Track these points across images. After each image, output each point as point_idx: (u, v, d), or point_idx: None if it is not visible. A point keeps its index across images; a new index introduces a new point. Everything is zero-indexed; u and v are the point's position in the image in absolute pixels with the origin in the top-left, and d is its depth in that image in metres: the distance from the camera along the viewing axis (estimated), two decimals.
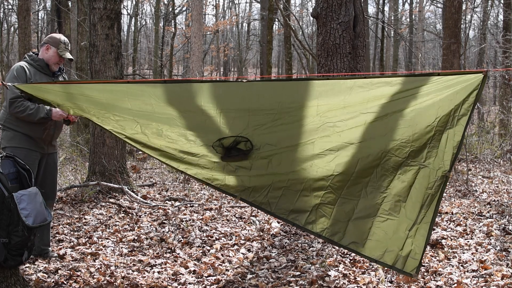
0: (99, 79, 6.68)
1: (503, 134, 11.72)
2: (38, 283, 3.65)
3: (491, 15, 23.77)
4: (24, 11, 12.85)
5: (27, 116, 3.78)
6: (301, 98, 3.34)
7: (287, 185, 3.41)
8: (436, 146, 3.07)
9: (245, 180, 3.46)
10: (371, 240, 3.20)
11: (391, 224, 3.17)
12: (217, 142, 3.41)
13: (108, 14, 6.73)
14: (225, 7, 36.16)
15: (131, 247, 4.68)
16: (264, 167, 3.41)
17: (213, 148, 3.41)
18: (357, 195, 3.26)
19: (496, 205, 6.30)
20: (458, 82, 3.02)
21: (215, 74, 31.27)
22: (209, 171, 3.49)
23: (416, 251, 3.12)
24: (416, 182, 3.11)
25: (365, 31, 6.28)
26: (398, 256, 3.14)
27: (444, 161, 3.05)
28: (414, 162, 3.13)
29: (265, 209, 3.44)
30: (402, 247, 3.13)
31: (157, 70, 23.72)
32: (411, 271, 3.13)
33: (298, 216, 3.37)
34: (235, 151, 3.39)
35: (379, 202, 3.19)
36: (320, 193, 3.34)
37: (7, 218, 3.10)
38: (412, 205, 3.12)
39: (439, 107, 3.08)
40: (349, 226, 3.25)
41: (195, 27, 14.09)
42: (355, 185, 3.27)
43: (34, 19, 26.76)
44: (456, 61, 10.84)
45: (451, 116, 3.04)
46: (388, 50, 26.06)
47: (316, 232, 3.32)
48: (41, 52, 4.03)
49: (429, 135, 3.10)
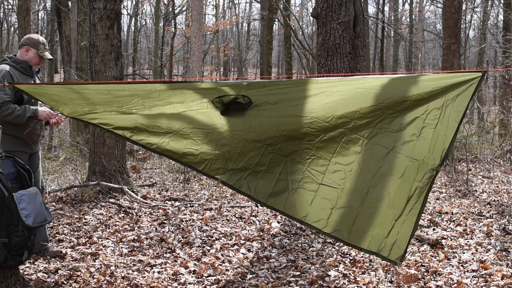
0: (99, 79, 6.69)
1: (503, 134, 11.73)
2: (38, 283, 3.65)
3: (491, 15, 23.79)
4: (24, 11, 12.83)
5: (15, 117, 3.75)
6: (300, 90, 3.35)
7: (266, 168, 3.34)
8: (426, 139, 3.06)
9: (230, 159, 3.40)
10: (356, 229, 3.19)
11: (377, 213, 3.16)
12: (217, 98, 3.42)
13: (108, 14, 6.73)
14: (225, 7, 36.20)
15: (131, 247, 4.68)
16: (260, 130, 3.33)
17: (213, 103, 3.41)
18: (340, 183, 3.23)
19: (496, 205, 6.30)
20: (454, 77, 3.03)
21: (215, 74, 31.26)
22: (199, 142, 3.43)
23: (402, 241, 3.13)
24: (404, 174, 3.11)
25: (365, 31, 6.28)
26: (383, 243, 3.15)
27: (435, 156, 3.05)
28: (401, 155, 3.12)
29: (245, 192, 3.35)
30: (387, 235, 3.15)
31: (157, 70, 23.73)
32: (395, 259, 3.16)
33: (276, 200, 3.31)
34: (234, 106, 3.39)
35: (364, 192, 3.18)
36: (297, 176, 3.30)
37: (7, 218, 3.10)
38: (399, 196, 3.12)
39: (430, 100, 3.06)
40: (332, 213, 3.22)
41: (195, 27, 14.10)
42: (336, 172, 3.24)
43: (34, 19, 26.75)
44: (456, 61, 10.83)
45: (443, 111, 3.03)
46: (388, 50, 26.08)
47: (298, 218, 3.27)
48: (20, 54, 4.00)
49: (418, 126, 3.08)
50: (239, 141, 3.40)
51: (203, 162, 3.42)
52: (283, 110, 3.32)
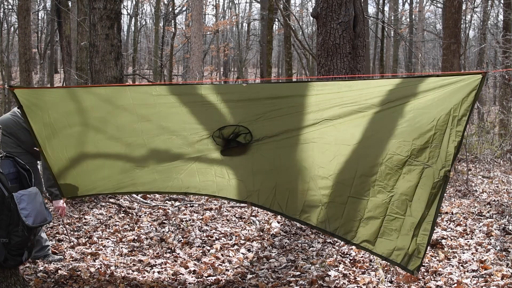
0: (99, 79, 6.69)
1: (503, 134, 11.72)
2: (38, 283, 3.65)
3: (491, 15, 23.78)
4: (24, 11, 12.84)
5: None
6: (300, 91, 3.38)
7: (292, 186, 3.47)
8: (438, 146, 3.09)
9: (248, 183, 3.53)
10: (381, 238, 3.27)
11: (399, 223, 3.22)
12: (217, 132, 3.43)
13: (108, 14, 6.73)
14: (225, 7, 36.19)
15: (131, 247, 4.68)
16: (265, 161, 3.46)
17: (213, 139, 3.45)
18: (365, 194, 3.31)
19: (496, 205, 6.30)
20: (456, 82, 3.04)
21: (215, 74, 31.25)
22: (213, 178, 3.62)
23: (420, 250, 3.18)
24: (421, 182, 3.15)
25: (365, 31, 6.28)
26: (405, 254, 3.21)
27: (446, 161, 3.09)
28: (417, 162, 3.16)
29: (277, 211, 3.56)
30: (409, 246, 3.20)
31: (157, 70, 23.73)
32: (413, 269, 3.21)
33: (310, 216, 3.46)
34: (235, 143, 3.40)
35: (387, 201, 3.24)
36: (327, 192, 3.41)
37: (7, 218, 3.10)
38: (418, 204, 3.17)
39: (438, 107, 3.09)
40: (361, 224, 3.32)
41: (195, 27, 14.10)
42: (362, 184, 3.31)
43: (34, 19, 26.76)
44: (456, 61, 10.83)
45: (451, 115, 3.06)
46: (388, 50, 26.07)
47: (330, 231, 3.41)
48: None
49: (430, 134, 3.11)
50: (248, 173, 3.60)
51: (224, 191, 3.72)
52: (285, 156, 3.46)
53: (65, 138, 3.67)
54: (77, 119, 3.61)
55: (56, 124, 3.60)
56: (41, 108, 3.53)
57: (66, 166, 3.82)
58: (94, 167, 3.85)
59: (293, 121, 3.38)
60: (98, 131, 3.68)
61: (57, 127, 3.62)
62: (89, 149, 3.76)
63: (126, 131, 3.65)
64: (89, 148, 3.75)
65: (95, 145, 3.73)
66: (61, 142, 3.68)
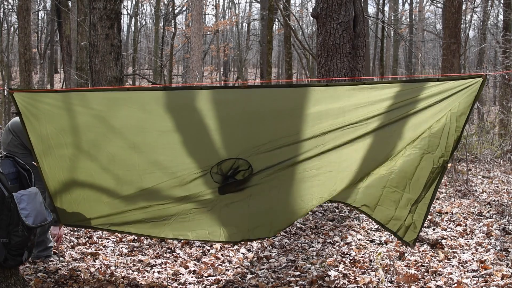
0: (99, 79, 6.69)
1: (503, 134, 11.72)
2: (38, 283, 3.65)
3: (491, 15, 23.78)
4: (24, 11, 12.85)
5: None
6: (300, 104, 3.29)
7: (288, 217, 3.63)
8: (438, 137, 3.22)
9: (243, 227, 3.61)
10: (381, 206, 3.46)
11: (398, 196, 3.41)
12: (215, 167, 3.34)
13: (108, 14, 6.73)
14: (225, 7, 36.20)
15: (131, 247, 4.68)
16: (262, 199, 3.50)
17: (211, 175, 3.36)
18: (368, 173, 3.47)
19: (496, 205, 6.30)
20: (457, 87, 3.07)
21: (215, 74, 31.26)
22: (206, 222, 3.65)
23: (416, 225, 3.41)
24: (421, 164, 3.29)
25: (365, 31, 6.29)
26: (401, 225, 3.44)
27: (446, 151, 3.23)
28: (417, 148, 3.28)
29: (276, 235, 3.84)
30: (406, 218, 3.42)
31: (157, 70, 23.74)
32: (409, 241, 3.47)
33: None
34: (233, 179, 3.33)
35: (387, 175, 3.40)
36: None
37: (7, 218, 3.10)
38: (417, 184, 3.34)
39: (439, 112, 3.17)
40: (361, 191, 3.49)
41: (195, 27, 14.11)
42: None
43: (34, 19, 26.77)
44: (456, 61, 10.84)
45: (450, 112, 3.15)
46: (388, 50, 26.07)
47: (329, 198, 3.53)
48: None
49: (426, 126, 3.24)
50: (244, 217, 3.60)
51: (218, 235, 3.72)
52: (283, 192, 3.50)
53: (60, 159, 3.50)
54: (70, 139, 3.43)
55: (52, 140, 3.43)
56: (38, 119, 3.37)
57: (61, 189, 3.64)
58: (86, 198, 3.67)
59: (293, 150, 3.34)
60: (90, 158, 3.50)
61: (53, 144, 3.45)
62: (81, 177, 3.59)
63: (117, 163, 3.48)
64: (81, 176, 3.58)
65: (86, 174, 3.57)
66: (57, 162, 3.52)
